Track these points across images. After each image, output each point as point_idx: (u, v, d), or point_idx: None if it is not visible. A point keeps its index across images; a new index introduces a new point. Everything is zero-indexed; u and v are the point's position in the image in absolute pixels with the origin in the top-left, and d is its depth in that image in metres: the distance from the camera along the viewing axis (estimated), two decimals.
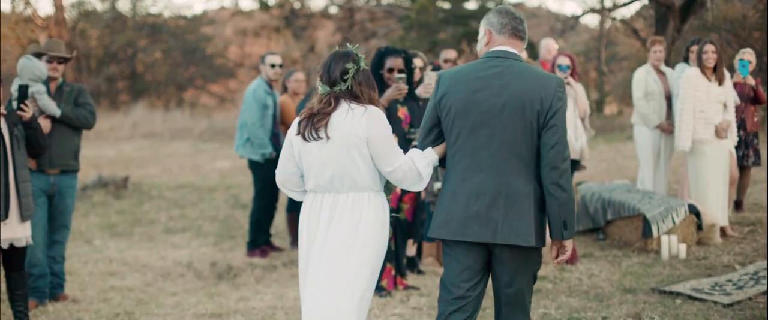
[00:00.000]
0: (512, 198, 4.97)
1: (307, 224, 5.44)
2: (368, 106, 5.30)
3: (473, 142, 5.05)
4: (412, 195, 8.56)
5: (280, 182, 5.60)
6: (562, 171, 4.94)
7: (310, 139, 5.30)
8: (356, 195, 5.33)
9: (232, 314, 7.89)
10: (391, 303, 8.17)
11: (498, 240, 4.96)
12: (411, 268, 9.33)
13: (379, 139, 5.24)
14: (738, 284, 8.26)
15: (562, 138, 4.95)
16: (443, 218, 5.13)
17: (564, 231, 4.98)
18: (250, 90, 10.56)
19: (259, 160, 10.46)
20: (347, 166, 5.27)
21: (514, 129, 4.97)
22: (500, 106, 4.99)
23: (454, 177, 5.13)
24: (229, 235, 12.10)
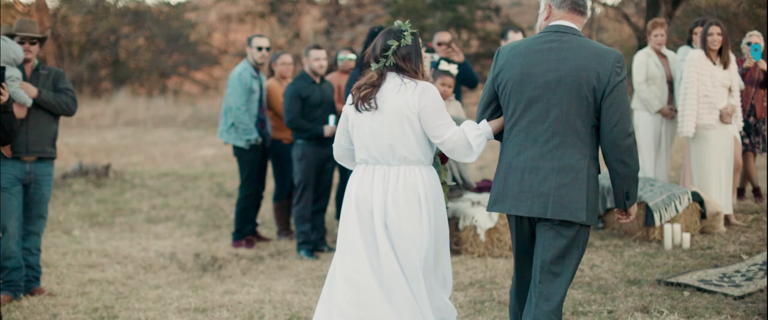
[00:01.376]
0: (565, 174, 4.97)
1: (355, 194, 5.52)
2: (420, 80, 5.41)
3: (529, 117, 5.05)
4: None
5: (338, 156, 5.80)
6: (625, 148, 4.92)
7: (362, 110, 5.45)
8: (407, 168, 5.46)
9: (217, 308, 7.49)
10: None
11: (549, 215, 4.97)
12: None
13: (430, 110, 5.33)
14: (747, 275, 7.92)
15: (623, 114, 4.90)
16: (499, 191, 5.18)
17: (626, 201, 5.06)
18: (235, 73, 10.15)
19: (244, 147, 10.06)
20: (398, 139, 5.40)
21: (570, 104, 4.95)
22: (556, 81, 4.96)
23: (510, 151, 5.14)
24: (213, 225, 11.69)
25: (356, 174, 5.58)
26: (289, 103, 9.55)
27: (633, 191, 5.05)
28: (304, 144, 9.64)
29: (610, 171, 5.02)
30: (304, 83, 9.67)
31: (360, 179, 5.53)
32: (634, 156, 4.97)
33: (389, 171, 5.46)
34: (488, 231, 9.34)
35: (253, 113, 10.08)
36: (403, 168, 5.46)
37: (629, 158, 4.95)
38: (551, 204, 4.97)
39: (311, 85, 9.70)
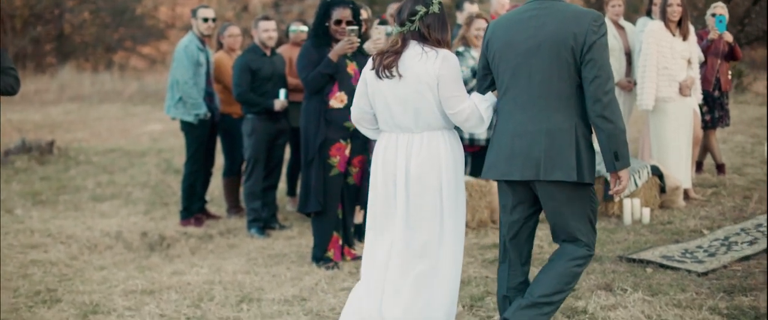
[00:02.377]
0: (553, 135, 5.07)
1: (382, 163, 5.63)
2: (441, 49, 5.47)
3: (514, 84, 5.18)
4: (362, 158, 7.92)
5: (355, 119, 5.84)
6: (605, 104, 4.97)
7: (383, 77, 5.51)
8: (431, 134, 5.52)
9: (164, 290, 7.19)
10: (340, 275, 7.54)
11: (541, 177, 5.07)
12: (359, 237, 8.70)
13: (448, 80, 5.40)
14: (709, 251, 7.77)
15: (601, 70, 4.97)
16: (492, 159, 5.30)
17: (616, 162, 5.05)
18: (181, 46, 9.80)
19: (192, 122, 9.73)
20: (421, 106, 5.47)
21: (551, 67, 5.07)
22: (536, 46, 5.09)
23: (501, 119, 5.28)
24: (161, 203, 11.34)
25: (381, 142, 5.68)
26: (239, 76, 9.24)
27: (622, 151, 5.05)
28: (255, 118, 9.34)
29: (595, 130, 5.06)
30: (254, 56, 9.36)
31: (385, 147, 5.65)
32: (615, 112, 5.01)
33: (413, 138, 5.55)
34: None
35: (200, 87, 9.75)
36: (427, 135, 5.53)
37: (611, 114, 4.99)
38: (542, 167, 5.07)
39: (261, 57, 9.39)
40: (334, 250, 7.89)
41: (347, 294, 6.90)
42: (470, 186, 9.17)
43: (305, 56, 7.70)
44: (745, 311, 6.16)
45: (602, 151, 5.08)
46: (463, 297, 6.71)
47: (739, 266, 7.32)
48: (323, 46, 7.69)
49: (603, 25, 5.08)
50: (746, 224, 8.67)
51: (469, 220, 9.11)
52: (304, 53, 7.69)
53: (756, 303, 6.31)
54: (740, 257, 7.52)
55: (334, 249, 7.89)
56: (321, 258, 7.85)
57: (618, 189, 5.17)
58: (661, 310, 6.21)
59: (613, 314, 6.17)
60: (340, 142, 7.71)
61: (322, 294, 6.97)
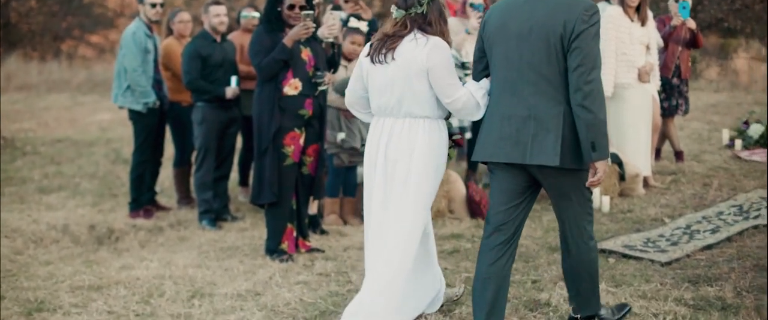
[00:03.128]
0: (540, 120, 5.11)
1: (369, 147, 5.74)
2: (432, 36, 5.50)
3: (505, 67, 5.23)
4: (316, 147, 7.71)
5: (349, 103, 5.92)
6: (586, 93, 5.00)
7: (376, 62, 5.57)
8: (412, 121, 5.57)
9: (113, 286, 6.93)
10: (294, 268, 7.32)
11: (527, 161, 5.14)
12: (313, 228, 8.49)
13: (440, 69, 5.44)
14: (671, 239, 7.67)
15: (585, 60, 5.00)
16: (482, 141, 5.34)
17: (593, 152, 5.05)
18: (128, 33, 9.51)
19: (140, 110, 9.44)
20: (406, 93, 5.52)
21: (541, 53, 5.10)
22: (527, 31, 5.13)
23: (492, 101, 5.35)
24: (109, 194, 11.03)
25: (373, 128, 5.76)
26: (188, 63, 8.97)
27: (600, 142, 5.03)
28: (205, 107, 9.08)
29: (575, 118, 5.06)
30: (204, 42, 9.09)
31: (372, 132, 5.74)
32: (596, 102, 5.02)
33: (395, 124, 5.62)
34: None
35: (149, 75, 9.47)
36: (408, 121, 5.58)
37: (591, 104, 5.00)
38: (529, 151, 5.12)
39: (212, 43, 9.13)
40: (288, 242, 7.67)
41: (302, 288, 6.71)
42: None
43: (258, 42, 7.46)
44: (711, 302, 6.03)
45: (581, 140, 5.07)
46: None
47: (703, 255, 7.21)
48: (276, 32, 7.46)
49: (595, 15, 5.09)
50: (707, 212, 8.55)
51: None
52: (257, 39, 7.45)
53: (721, 293, 6.18)
54: (703, 246, 7.41)
55: (289, 242, 7.67)
56: (275, 250, 7.62)
57: (593, 181, 5.15)
58: (626, 302, 6.05)
59: None
60: (295, 131, 7.49)
61: (277, 288, 6.75)
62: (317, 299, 6.47)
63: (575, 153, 5.10)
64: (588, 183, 5.18)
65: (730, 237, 7.61)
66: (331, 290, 6.68)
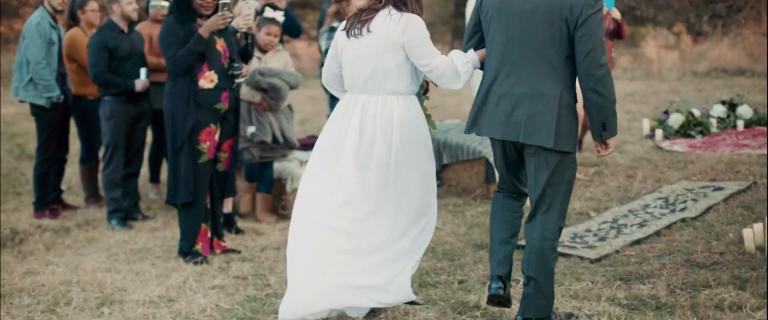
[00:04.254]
0: (537, 101, 5.15)
1: (339, 121, 5.67)
2: (405, 12, 5.51)
3: (506, 46, 5.26)
4: (231, 142, 7.39)
5: (326, 81, 5.90)
6: (597, 78, 5.07)
7: (351, 36, 5.58)
8: (386, 97, 5.59)
9: (16, 294, 6.51)
10: (209, 271, 6.98)
11: (521, 140, 5.20)
12: (228, 228, 8.14)
13: (416, 41, 5.45)
14: (599, 234, 7.49)
15: (595, 45, 5.06)
16: (476, 116, 5.41)
17: (603, 132, 5.23)
18: (31, 23, 9.03)
19: (44, 105, 8.98)
20: (379, 68, 5.53)
21: (544, 34, 5.15)
22: (531, 12, 5.16)
23: (488, 77, 5.36)
24: (13, 193, 10.52)
25: (342, 101, 5.73)
26: (95, 55, 8.52)
27: (610, 122, 5.20)
28: (113, 101, 8.65)
29: (585, 101, 5.18)
30: (111, 33, 8.64)
31: (344, 107, 5.68)
32: (607, 86, 5.12)
33: (369, 100, 5.60)
34: None
35: (53, 67, 9.02)
36: (382, 98, 5.59)
37: (603, 88, 5.11)
38: (523, 130, 5.17)
39: (119, 34, 8.68)
40: (202, 243, 7.32)
41: (218, 293, 6.39)
42: None
43: (170, 33, 7.08)
44: (645, 301, 5.84)
45: (591, 120, 5.24)
46: None
47: (632, 250, 7.02)
48: (188, 22, 7.10)
49: (599, 0, 5.16)
50: (633, 205, 8.39)
51: None
52: (169, 30, 7.07)
53: (655, 291, 5.99)
54: (632, 241, 7.23)
55: (203, 242, 7.33)
56: (188, 252, 7.27)
57: (603, 153, 5.39)
58: (557, 302, 5.83)
59: (508, 308, 5.75)
60: (211, 126, 7.17)
61: (191, 293, 6.40)
62: (234, 305, 6.13)
63: (568, 136, 5.20)
64: (599, 156, 5.45)
65: (659, 232, 7.44)
66: (248, 295, 6.34)
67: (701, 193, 8.54)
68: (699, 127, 11.85)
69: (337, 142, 5.67)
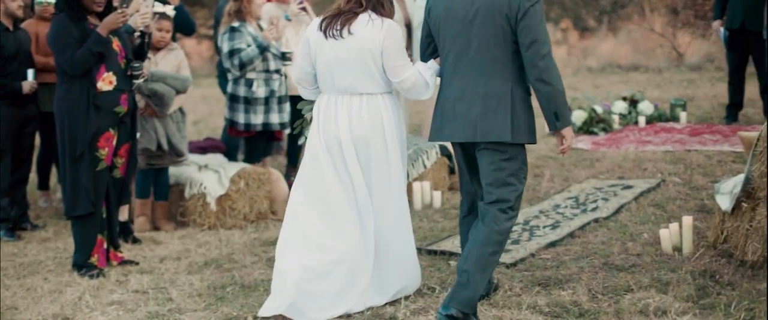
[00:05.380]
0: (489, 99, 5.31)
1: (323, 123, 5.71)
2: (386, 18, 5.62)
3: (454, 50, 5.43)
4: (128, 147, 7.01)
5: (297, 80, 5.91)
6: (542, 68, 5.20)
7: (330, 37, 5.60)
8: (370, 97, 5.66)
9: None
10: (106, 285, 6.59)
11: (477, 139, 5.33)
12: (125, 237, 7.73)
13: (393, 51, 5.58)
14: (511, 237, 7.26)
15: (536, 36, 5.21)
16: (437, 123, 5.56)
17: (556, 122, 5.33)
18: None
19: None
20: (363, 70, 5.60)
21: (488, 34, 5.30)
22: (473, 14, 5.33)
23: (443, 84, 5.55)
24: None
25: (321, 105, 5.77)
26: None
27: (562, 112, 5.31)
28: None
29: (534, 92, 5.29)
30: None
31: (325, 109, 5.72)
32: (553, 75, 5.23)
33: (352, 100, 5.66)
34: (219, 198, 8.25)
35: None
36: (365, 97, 5.66)
37: (548, 76, 5.21)
38: (479, 129, 5.30)
39: (4, 33, 8.22)
40: (98, 255, 6.94)
41: (117, 309, 6.02)
42: (247, 174, 8.36)
43: (64, 32, 6.67)
44: (567, 308, 5.62)
45: (543, 112, 5.32)
46: (251, 304, 5.92)
47: (548, 253, 6.82)
48: (81, 20, 6.71)
49: None
50: (543, 205, 8.22)
51: (247, 212, 8.30)
52: (61, 29, 6.66)
53: (575, 297, 5.77)
54: (546, 243, 7.03)
55: (99, 254, 6.95)
56: (83, 265, 6.87)
57: (563, 148, 5.46)
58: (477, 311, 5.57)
59: (425, 319, 5.50)
60: (110, 131, 6.82)
61: (88, 310, 6.01)
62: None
63: (523, 129, 5.33)
64: (559, 150, 5.47)
65: (572, 233, 7.26)
66: (150, 310, 5.97)
67: (611, 192, 8.42)
68: (601, 123, 11.78)
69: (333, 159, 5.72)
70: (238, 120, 8.68)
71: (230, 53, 8.51)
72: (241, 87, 8.67)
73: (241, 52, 8.48)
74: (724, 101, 13.05)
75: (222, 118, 13.10)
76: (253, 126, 8.70)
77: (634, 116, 12.17)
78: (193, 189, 8.32)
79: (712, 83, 16.41)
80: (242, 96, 8.66)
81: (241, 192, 8.33)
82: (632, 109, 12.29)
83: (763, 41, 10.71)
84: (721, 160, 9.52)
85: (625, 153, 10.19)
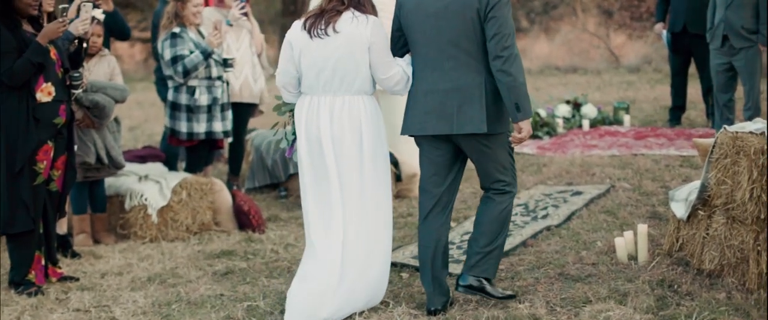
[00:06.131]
0: (463, 91, 5.48)
1: (305, 124, 5.71)
2: (370, 15, 5.64)
3: (425, 44, 5.57)
4: (64, 159, 6.75)
5: (281, 84, 5.87)
6: (505, 58, 5.36)
7: (315, 36, 5.60)
8: (352, 97, 5.67)
9: None
10: (46, 304, 6.32)
11: (454, 131, 5.48)
12: (64, 251, 7.45)
13: (380, 46, 5.62)
14: (462, 246, 7.18)
15: (501, 27, 5.37)
16: (409, 116, 5.68)
17: (517, 113, 5.45)
18: None
19: None
20: (348, 67, 5.61)
21: (458, 28, 5.46)
22: (444, 8, 5.48)
23: (415, 79, 5.66)
24: None
25: (303, 105, 5.75)
26: None
27: (522, 103, 5.43)
28: None
29: (497, 83, 5.42)
30: None
31: (307, 110, 5.72)
32: (514, 66, 5.38)
33: (334, 101, 5.66)
34: (161, 210, 7.99)
35: None
36: (348, 98, 5.67)
37: (511, 67, 5.37)
38: (455, 122, 5.46)
39: None
40: (36, 272, 6.65)
41: None
42: (189, 184, 8.12)
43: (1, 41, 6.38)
44: None
45: (505, 102, 5.44)
46: None
47: (501, 264, 6.64)
48: (16, 28, 6.42)
49: None
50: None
51: (189, 224, 8.06)
52: None
53: (534, 310, 5.63)
54: None
55: (37, 271, 6.66)
56: (21, 282, 6.58)
57: (520, 138, 5.57)
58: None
59: None
60: (48, 144, 6.57)
61: None
62: None
63: (498, 118, 5.51)
64: (514, 141, 5.58)
65: (525, 242, 7.13)
66: None
67: (561, 199, 8.31)
68: (545, 127, 11.71)
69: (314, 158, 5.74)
70: (180, 129, 8.41)
71: (173, 60, 8.23)
72: (183, 95, 8.40)
73: (185, 58, 8.20)
74: (665, 103, 13.09)
75: (158, 124, 12.88)
76: (196, 135, 8.44)
77: (578, 119, 12.13)
78: (134, 200, 8.05)
79: (652, 85, 16.46)
80: (184, 104, 8.39)
81: (183, 203, 8.08)
82: (576, 113, 12.24)
83: (706, 44, 10.70)
84: (669, 164, 9.47)
85: (572, 157, 10.10)
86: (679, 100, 11.94)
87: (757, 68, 10.17)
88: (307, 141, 5.71)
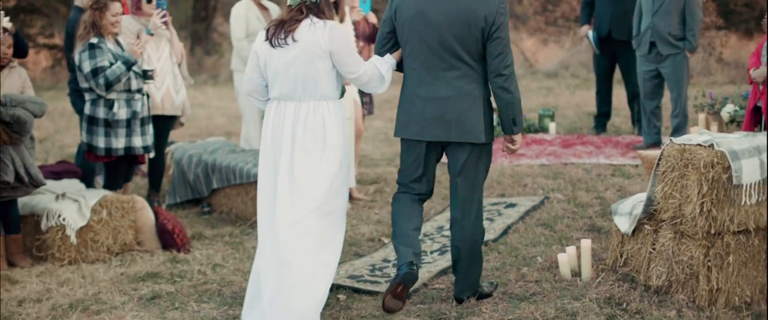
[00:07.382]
0: (462, 101, 5.69)
1: (272, 131, 5.77)
2: (328, 20, 5.70)
3: (425, 54, 5.76)
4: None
5: (248, 91, 5.99)
6: (506, 77, 5.67)
7: (277, 46, 5.66)
8: (317, 103, 5.71)
9: None
10: None
11: (452, 139, 5.72)
12: None
13: (342, 50, 5.67)
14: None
15: (504, 48, 5.68)
16: (404, 120, 5.89)
17: (514, 127, 5.80)
18: None
19: None
20: (310, 75, 5.65)
21: (461, 41, 5.67)
22: (448, 22, 5.67)
23: (411, 83, 5.85)
24: None
25: (270, 111, 5.81)
26: None
27: (518, 118, 5.78)
28: None
29: (495, 98, 5.72)
30: None
31: (274, 116, 5.77)
32: (514, 84, 5.71)
33: (300, 107, 5.71)
34: (80, 230, 7.59)
35: None
36: (313, 104, 5.71)
37: (511, 85, 5.69)
38: (454, 130, 5.69)
39: None
40: None
41: None
42: (109, 203, 7.73)
43: None
44: None
45: (501, 116, 5.76)
46: None
47: (441, 282, 6.46)
48: None
49: (507, 7, 5.72)
50: (426, 227, 7.87)
51: (110, 244, 7.67)
52: None
53: None
54: (438, 271, 6.69)
55: None
56: None
57: (514, 149, 5.95)
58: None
59: None
60: None
61: None
62: None
63: (490, 129, 5.77)
64: (508, 152, 5.97)
65: None
66: None
67: (495, 211, 8.10)
68: None
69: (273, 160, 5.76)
70: (97, 144, 7.98)
71: (94, 72, 7.78)
72: (101, 108, 7.96)
73: (106, 70, 7.76)
74: (587, 109, 13.00)
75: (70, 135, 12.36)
76: (115, 150, 8.02)
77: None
78: (51, 220, 7.62)
79: (572, 91, 16.38)
80: (102, 118, 7.95)
81: (103, 223, 7.68)
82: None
83: (631, 50, 10.62)
84: (600, 173, 9.33)
85: (501, 167, 9.86)
86: (604, 107, 11.84)
87: (684, 75, 10.13)
88: (272, 146, 5.75)
